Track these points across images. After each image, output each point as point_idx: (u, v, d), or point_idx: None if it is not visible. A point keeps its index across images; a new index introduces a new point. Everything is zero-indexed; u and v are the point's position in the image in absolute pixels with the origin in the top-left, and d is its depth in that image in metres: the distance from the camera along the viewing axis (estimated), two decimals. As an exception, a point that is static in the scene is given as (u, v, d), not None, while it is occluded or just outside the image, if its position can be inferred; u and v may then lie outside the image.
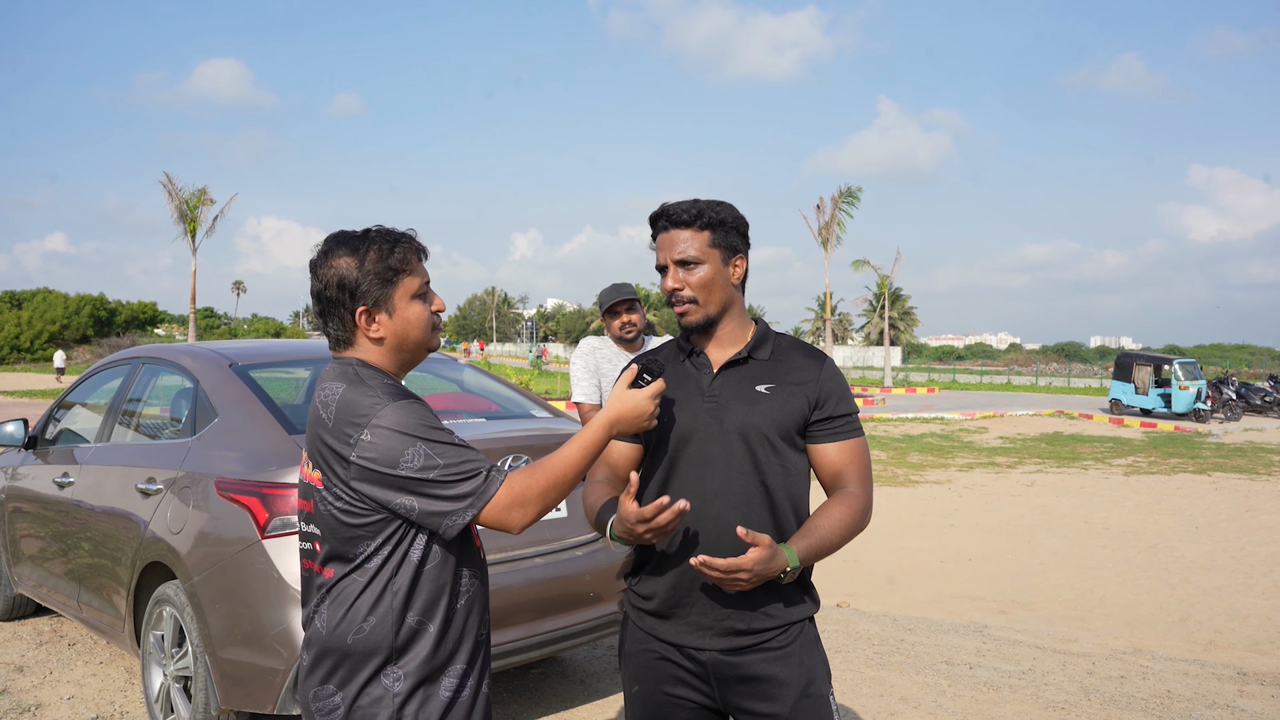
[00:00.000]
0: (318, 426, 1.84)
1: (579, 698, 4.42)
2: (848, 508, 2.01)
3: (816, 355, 2.12)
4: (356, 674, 1.81)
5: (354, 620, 1.81)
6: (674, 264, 2.06)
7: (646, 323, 4.58)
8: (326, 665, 1.83)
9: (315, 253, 1.91)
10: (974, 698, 4.52)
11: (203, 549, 3.50)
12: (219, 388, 3.91)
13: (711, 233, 2.05)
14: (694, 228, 2.05)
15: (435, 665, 1.85)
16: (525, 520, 1.83)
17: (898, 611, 6.40)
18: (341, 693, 1.82)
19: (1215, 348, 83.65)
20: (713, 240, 2.05)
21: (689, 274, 2.05)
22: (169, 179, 39.13)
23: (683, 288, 2.05)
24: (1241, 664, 5.34)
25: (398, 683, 1.82)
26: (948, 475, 14.19)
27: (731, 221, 2.06)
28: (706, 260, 2.04)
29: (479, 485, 1.79)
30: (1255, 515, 10.81)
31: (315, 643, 1.86)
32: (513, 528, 1.83)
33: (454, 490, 1.78)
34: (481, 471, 1.81)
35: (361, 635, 1.81)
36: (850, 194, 41.14)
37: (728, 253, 2.06)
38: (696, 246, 2.04)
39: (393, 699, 1.81)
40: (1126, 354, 29.05)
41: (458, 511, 1.79)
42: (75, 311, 64.93)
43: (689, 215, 2.04)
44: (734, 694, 2.02)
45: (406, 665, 1.82)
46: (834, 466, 2.06)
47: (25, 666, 4.79)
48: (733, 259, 2.07)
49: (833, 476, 2.07)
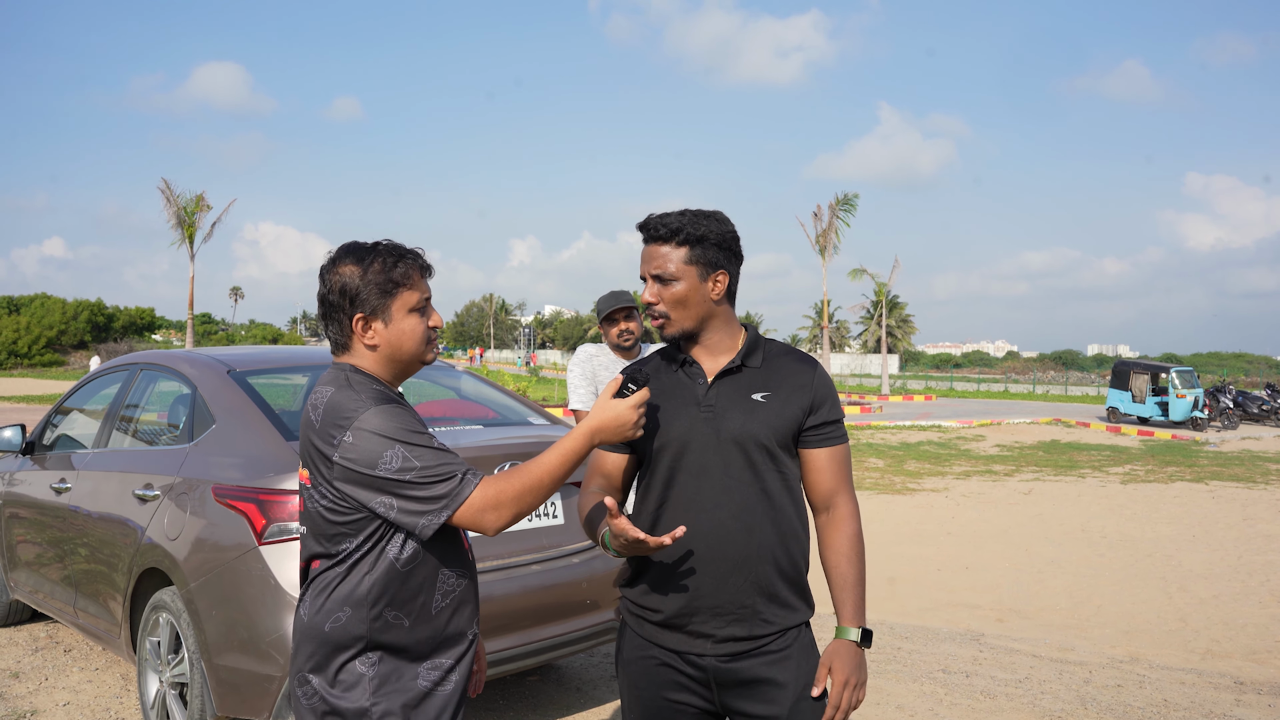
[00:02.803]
0: (307, 428, 1.93)
1: (575, 705, 4.42)
2: (849, 537, 2.09)
3: (808, 361, 2.14)
4: (333, 659, 1.91)
5: (331, 610, 1.91)
6: (651, 278, 2.08)
7: (644, 330, 4.58)
8: (307, 650, 1.94)
9: (326, 259, 2.00)
10: (970, 706, 4.52)
11: (199, 555, 3.50)
12: (217, 394, 3.91)
13: (689, 249, 2.05)
14: (672, 243, 2.05)
15: (412, 656, 1.94)
16: (500, 523, 1.90)
17: (894, 619, 6.39)
18: (319, 676, 1.92)
19: (1212, 356, 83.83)
20: (690, 257, 2.05)
21: (664, 289, 2.06)
22: (167, 185, 39.08)
23: (657, 302, 2.07)
24: (1238, 673, 5.34)
25: (372, 668, 1.91)
26: (945, 483, 14.19)
27: (714, 237, 2.05)
28: (682, 277, 2.05)
29: (454, 487, 1.87)
30: (1252, 524, 10.81)
31: (299, 629, 1.96)
32: (487, 529, 1.89)
33: (429, 492, 1.86)
34: (457, 474, 1.88)
35: (338, 624, 1.90)
36: (848, 201, 41.17)
37: (706, 269, 2.06)
38: (673, 263, 2.05)
39: (368, 683, 1.90)
40: (1124, 362, 29.07)
41: (432, 512, 1.87)
42: (73, 317, 64.84)
43: (668, 231, 2.05)
44: (733, 697, 2.05)
45: (379, 653, 1.91)
46: (824, 473, 2.09)
47: (21, 673, 4.78)
48: (713, 274, 2.07)
49: (821, 483, 2.10)
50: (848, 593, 2.06)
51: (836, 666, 2.01)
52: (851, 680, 2.00)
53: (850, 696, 2.01)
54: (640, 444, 2.12)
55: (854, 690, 2.01)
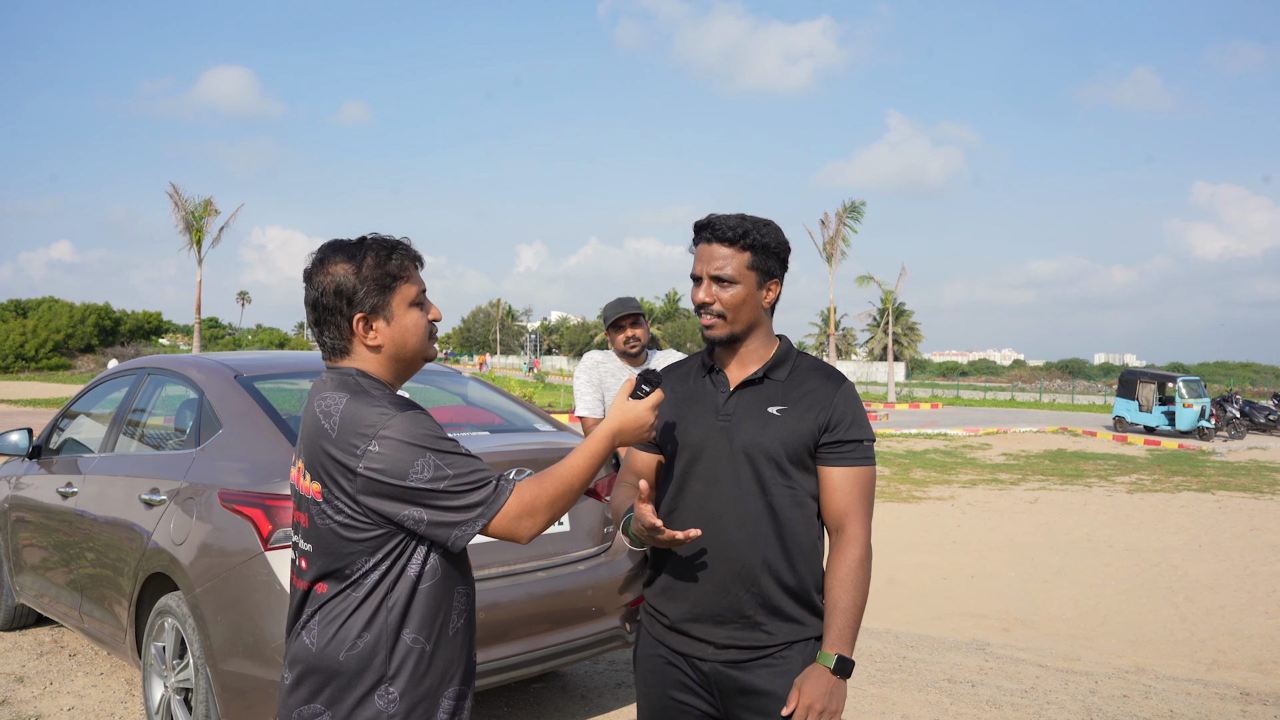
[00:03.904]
0: (319, 438, 1.79)
1: (579, 713, 4.41)
2: (851, 563, 2.01)
3: (835, 378, 2.11)
4: (348, 693, 1.76)
5: (346, 637, 1.77)
6: (709, 278, 2.07)
7: (650, 337, 4.59)
8: (312, 683, 1.78)
9: (310, 261, 1.88)
10: (976, 716, 4.50)
11: (205, 560, 3.50)
12: (224, 399, 3.92)
13: (752, 254, 2.05)
14: (736, 246, 2.05)
15: (431, 685, 1.82)
16: (534, 530, 1.81)
17: (899, 629, 6.38)
18: (330, 711, 1.77)
19: (1219, 365, 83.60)
20: (752, 262, 2.05)
21: (722, 290, 2.06)
22: (175, 190, 39.34)
23: (713, 302, 2.06)
24: (1245, 684, 5.31)
25: (392, 704, 1.77)
26: (951, 492, 14.15)
27: (775, 246, 2.07)
28: (741, 281, 2.05)
29: (489, 494, 1.78)
30: (1259, 534, 10.77)
31: (301, 660, 1.81)
32: (522, 537, 1.81)
33: (464, 500, 1.76)
34: (491, 481, 1.79)
35: (355, 653, 1.76)
36: (854, 209, 41.24)
37: (764, 276, 2.07)
38: (734, 266, 2.05)
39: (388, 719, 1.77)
40: (1130, 371, 29.02)
41: (468, 522, 1.77)
42: (80, 321, 65.05)
43: (734, 234, 2.04)
44: (734, 705, 2.05)
45: (401, 685, 1.78)
46: (835, 494, 2.05)
47: (26, 677, 4.79)
48: (768, 283, 2.09)
49: (833, 503, 2.06)
50: (834, 618, 2.00)
51: (805, 689, 1.95)
52: (816, 706, 1.93)
53: None
54: (663, 445, 2.14)
55: (819, 718, 1.94)
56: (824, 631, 2.01)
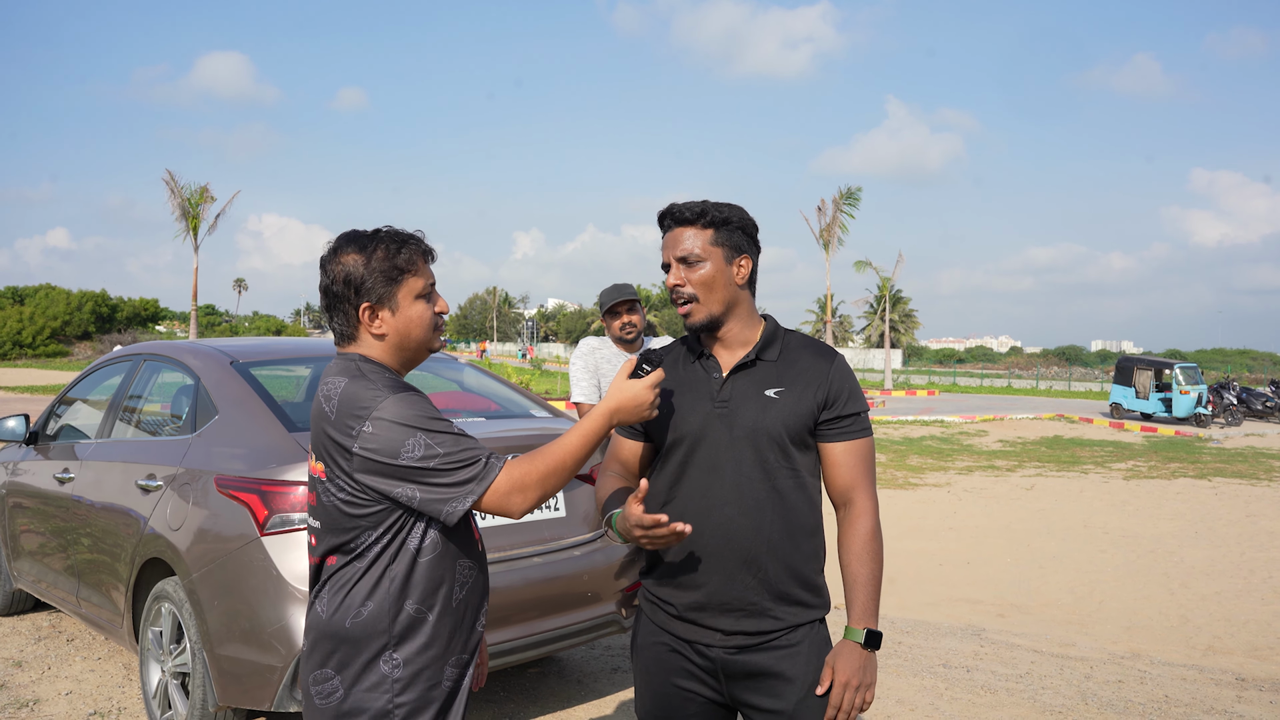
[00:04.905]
0: (321, 420, 1.88)
1: (576, 698, 4.42)
2: (864, 535, 2.06)
3: (826, 353, 2.11)
4: (355, 658, 1.86)
5: (351, 605, 1.86)
6: (676, 261, 2.07)
7: (647, 324, 4.58)
8: (325, 649, 1.88)
9: (325, 249, 1.96)
10: (971, 701, 4.52)
11: (202, 545, 3.51)
12: (220, 385, 3.92)
13: (715, 231, 2.06)
14: (697, 225, 2.06)
15: (436, 653, 1.90)
16: (526, 505, 1.88)
17: (895, 614, 6.40)
18: (340, 676, 1.86)
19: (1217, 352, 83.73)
20: (715, 239, 2.05)
21: (690, 271, 2.06)
22: (171, 176, 39.15)
23: (684, 284, 2.06)
24: (1240, 669, 5.33)
25: (396, 669, 1.86)
26: (947, 478, 14.18)
27: (736, 221, 2.07)
28: (708, 258, 2.05)
29: (479, 471, 1.85)
30: (1255, 520, 10.79)
31: (314, 627, 1.90)
32: (513, 512, 1.87)
33: (454, 477, 1.83)
34: (481, 458, 1.86)
35: (359, 620, 1.85)
36: (851, 195, 41.14)
37: (731, 251, 2.07)
38: (699, 244, 2.05)
39: (391, 684, 1.85)
40: (1127, 358, 29.01)
41: (458, 498, 1.84)
42: (77, 308, 64.99)
43: (693, 213, 2.06)
44: (741, 689, 2.05)
45: (405, 652, 1.87)
46: (840, 467, 2.07)
47: (23, 662, 4.80)
48: (737, 258, 2.07)
49: (838, 478, 2.08)
50: (857, 592, 2.04)
51: (839, 667, 1.99)
52: (853, 682, 1.98)
53: (852, 698, 1.98)
54: (656, 434, 2.13)
55: (855, 692, 1.98)
56: (848, 607, 2.05)
